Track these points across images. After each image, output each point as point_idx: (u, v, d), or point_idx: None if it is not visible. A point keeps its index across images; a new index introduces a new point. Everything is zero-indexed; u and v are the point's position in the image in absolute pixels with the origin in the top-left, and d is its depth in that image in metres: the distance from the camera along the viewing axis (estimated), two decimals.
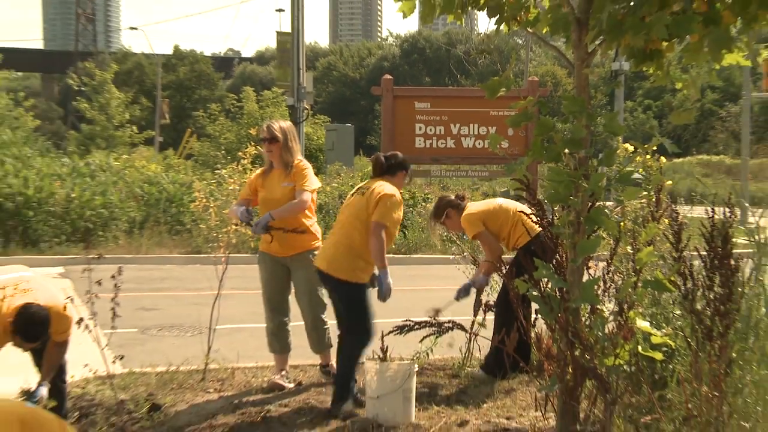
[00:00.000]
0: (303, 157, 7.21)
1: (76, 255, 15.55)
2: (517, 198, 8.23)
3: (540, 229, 7.16)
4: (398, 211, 6.38)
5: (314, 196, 7.08)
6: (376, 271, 6.34)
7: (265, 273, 7.15)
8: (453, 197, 7.80)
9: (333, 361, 6.99)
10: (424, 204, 18.69)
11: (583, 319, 5.26)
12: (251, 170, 7.79)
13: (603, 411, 4.94)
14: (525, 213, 7.24)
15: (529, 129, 9.01)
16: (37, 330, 5.20)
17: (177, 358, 7.76)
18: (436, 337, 6.92)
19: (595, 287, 5.13)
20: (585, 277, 5.32)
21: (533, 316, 5.58)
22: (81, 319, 5.31)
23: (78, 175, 18.69)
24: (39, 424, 4.31)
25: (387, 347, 6.16)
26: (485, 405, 6.53)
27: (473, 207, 7.60)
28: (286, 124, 7.21)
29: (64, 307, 5.39)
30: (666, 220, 5.86)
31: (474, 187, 28.51)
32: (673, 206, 5.69)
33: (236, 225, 7.35)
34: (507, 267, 7.11)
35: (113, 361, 5.63)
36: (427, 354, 7.02)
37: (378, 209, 6.29)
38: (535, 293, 5.25)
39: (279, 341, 7.17)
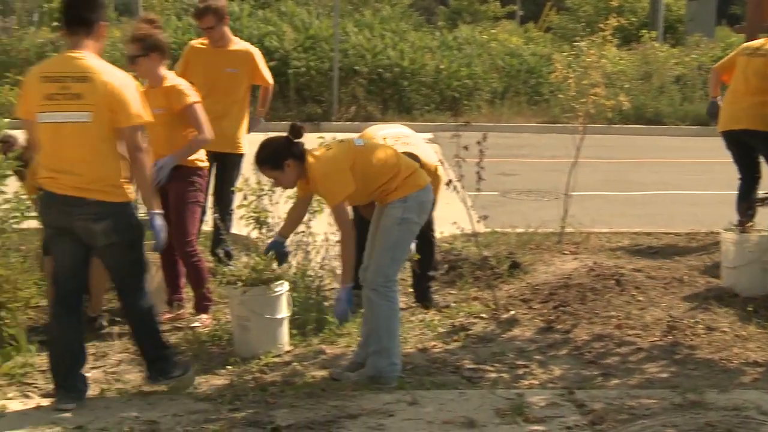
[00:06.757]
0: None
1: (444, 122, 16.03)
2: None
3: None
4: None
5: None
6: None
7: None
8: None
9: None
10: None
11: None
12: (611, 42, 7.50)
13: None
14: None
15: None
16: None
17: (534, 220, 7.81)
18: None
19: None
20: None
21: None
22: (450, 181, 5.48)
23: (446, 48, 19.04)
24: None
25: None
26: None
27: None
28: None
29: (436, 168, 5.56)
30: None
31: None
32: None
33: None
34: None
35: (477, 221, 5.79)
36: None
37: None
38: None
39: None
